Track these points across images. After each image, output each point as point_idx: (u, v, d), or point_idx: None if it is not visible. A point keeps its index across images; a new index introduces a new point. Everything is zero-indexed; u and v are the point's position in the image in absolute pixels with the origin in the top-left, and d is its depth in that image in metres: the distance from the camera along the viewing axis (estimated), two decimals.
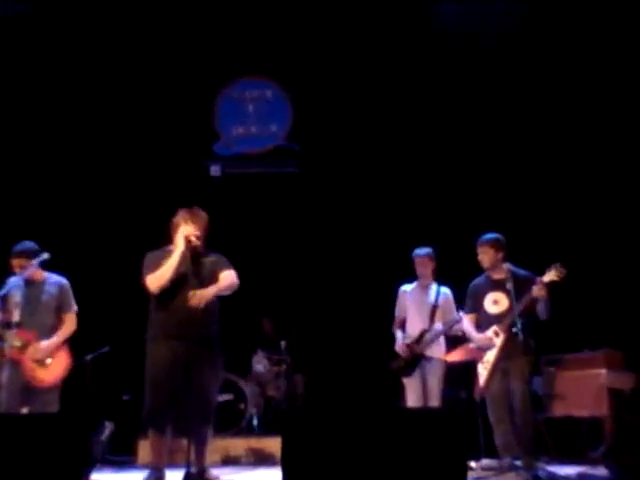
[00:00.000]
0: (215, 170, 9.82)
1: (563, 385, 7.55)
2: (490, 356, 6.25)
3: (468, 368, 6.67)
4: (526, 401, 6.06)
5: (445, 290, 7.04)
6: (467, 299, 6.56)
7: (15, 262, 6.23)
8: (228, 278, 5.49)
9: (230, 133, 9.96)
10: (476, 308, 6.45)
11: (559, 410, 7.51)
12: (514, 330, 5.99)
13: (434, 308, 6.89)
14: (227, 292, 5.49)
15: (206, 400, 5.36)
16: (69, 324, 6.39)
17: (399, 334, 7.04)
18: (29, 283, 6.29)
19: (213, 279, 5.46)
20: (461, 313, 6.66)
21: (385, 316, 7.26)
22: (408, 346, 6.90)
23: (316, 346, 9.09)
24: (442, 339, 6.96)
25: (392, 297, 7.21)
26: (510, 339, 6.11)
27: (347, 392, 8.75)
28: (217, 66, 9.66)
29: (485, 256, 6.39)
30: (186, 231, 5.49)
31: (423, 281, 7.07)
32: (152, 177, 9.51)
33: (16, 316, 6.11)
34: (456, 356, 6.92)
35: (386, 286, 7.47)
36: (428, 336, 6.85)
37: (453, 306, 6.98)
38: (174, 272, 5.36)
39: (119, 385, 8.56)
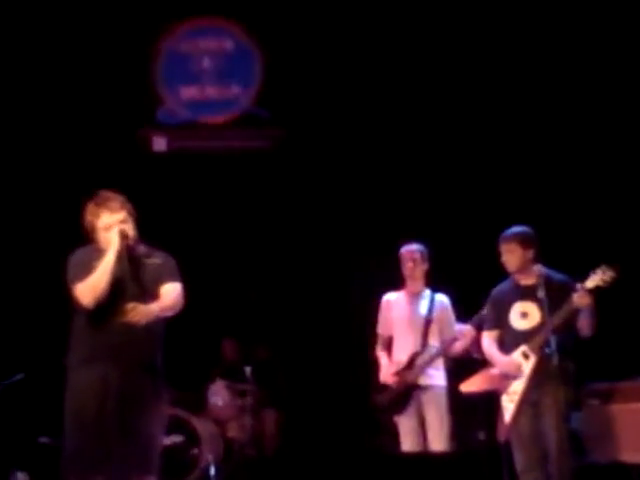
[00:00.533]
0: (159, 144, 9.81)
1: (611, 422, 7.59)
2: (517, 386, 6.26)
3: (489, 401, 6.70)
4: (563, 443, 6.06)
5: (441, 299, 7.06)
6: (488, 311, 6.57)
7: None
8: (171, 295, 5.39)
9: (178, 96, 9.95)
10: (500, 322, 6.45)
11: (605, 454, 7.55)
12: (548, 351, 6.00)
13: (428, 322, 6.92)
14: (168, 313, 5.38)
15: (147, 444, 5.28)
16: None
17: (384, 359, 7.06)
18: None
19: (157, 288, 5.39)
20: (462, 328, 6.68)
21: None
22: (397, 374, 6.92)
23: (291, 372, 9.12)
24: (440, 362, 6.98)
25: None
26: (543, 363, 6.12)
27: (332, 432, 8.79)
28: (158, 7, 9.63)
29: (511, 256, 6.38)
30: (114, 223, 5.35)
31: (412, 287, 7.08)
32: (76, 154, 9.48)
33: None
34: (473, 385, 6.94)
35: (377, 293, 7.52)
36: (421, 360, 6.87)
37: (452, 319, 7.01)
38: (111, 278, 5.28)
39: (35, 424, 8.55)
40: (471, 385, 6.96)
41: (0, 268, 9.07)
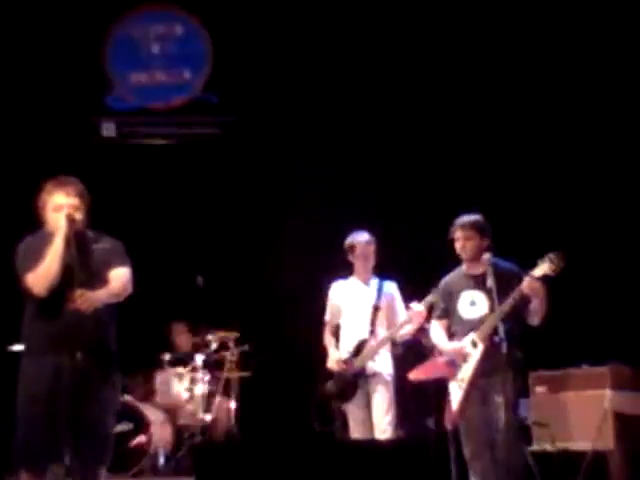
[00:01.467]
0: (108, 129, 9.77)
1: (557, 410, 7.66)
2: (465, 373, 6.31)
3: (437, 388, 6.76)
4: (510, 430, 6.11)
5: (389, 286, 7.11)
6: (436, 300, 6.62)
7: None
8: (120, 279, 5.36)
9: (127, 81, 9.91)
10: (448, 311, 6.52)
11: (552, 442, 7.62)
12: (496, 339, 6.04)
13: (376, 309, 6.97)
14: (117, 299, 5.36)
15: (100, 433, 5.26)
16: None
17: (331, 346, 7.10)
18: None
19: (106, 273, 5.37)
20: (415, 307, 6.72)
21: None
22: (344, 362, 6.96)
23: (242, 359, 9.12)
24: (387, 349, 7.02)
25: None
26: (491, 351, 6.16)
27: (283, 418, 8.82)
28: None
29: (469, 243, 6.40)
30: (65, 205, 5.31)
31: (362, 276, 7.12)
32: (25, 140, 9.41)
33: None
34: (422, 373, 6.99)
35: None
36: (369, 347, 6.91)
37: (401, 306, 7.06)
38: (60, 263, 5.23)
39: None
40: (420, 373, 7.01)
41: None
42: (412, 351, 7.11)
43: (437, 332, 6.56)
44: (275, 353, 9.13)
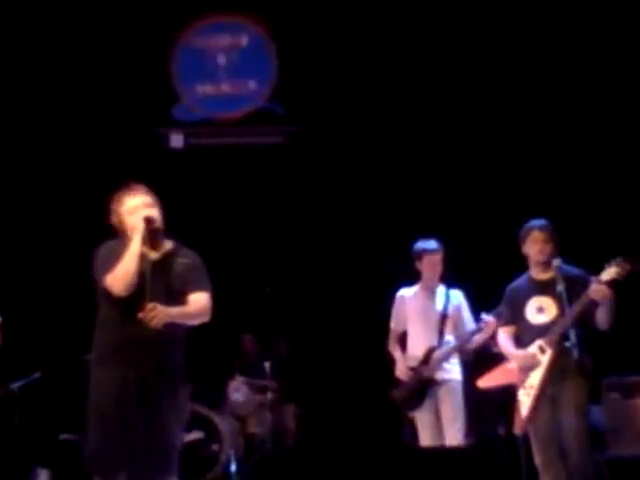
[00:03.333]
0: (176, 140, 9.89)
1: (631, 416, 7.61)
2: (534, 379, 6.28)
3: (506, 395, 6.75)
4: (582, 437, 6.09)
5: (456, 294, 7.12)
6: (503, 306, 6.62)
7: None
8: (198, 305, 5.32)
9: (194, 92, 10.01)
10: (515, 317, 6.48)
11: (626, 448, 7.56)
12: (566, 345, 6.03)
13: (443, 318, 6.98)
14: (189, 322, 5.33)
15: (167, 443, 5.28)
16: None
17: (398, 354, 7.12)
18: None
19: (184, 289, 5.32)
20: (486, 318, 6.71)
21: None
22: (413, 369, 6.98)
23: (310, 368, 9.18)
24: (456, 356, 7.04)
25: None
26: (560, 356, 6.14)
27: (352, 427, 8.85)
28: (174, 5, 9.72)
29: (548, 246, 6.31)
30: (140, 205, 5.26)
31: (429, 283, 7.13)
32: (94, 152, 9.59)
33: None
34: (491, 380, 6.97)
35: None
36: (438, 355, 6.93)
37: (468, 314, 7.07)
38: (138, 264, 5.17)
39: (56, 421, 8.64)
40: (489, 380, 6.98)
41: (20, 267, 9.17)
42: (481, 358, 7.10)
43: (504, 339, 6.55)
44: (342, 361, 9.17)
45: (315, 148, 9.67)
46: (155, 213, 5.29)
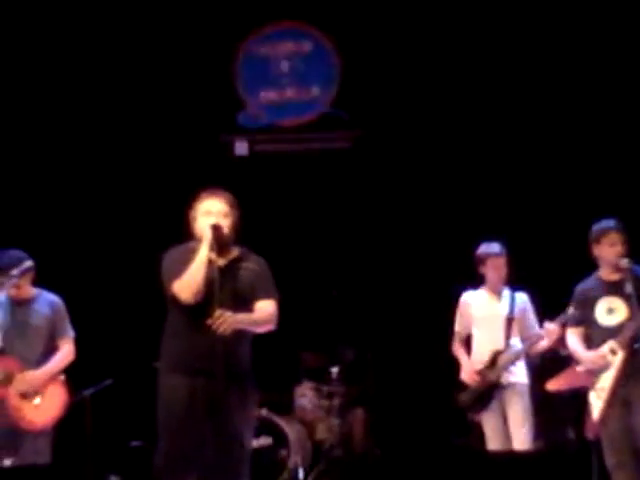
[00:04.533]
0: (240, 147, 9.93)
1: None
2: (605, 381, 6.23)
3: (576, 398, 6.69)
4: None
5: (522, 297, 7.07)
6: (572, 307, 6.56)
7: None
8: (265, 313, 5.37)
9: (258, 99, 10.05)
10: (585, 319, 6.44)
11: None
12: (637, 346, 5.98)
13: (509, 321, 6.93)
14: (256, 330, 5.39)
15: (236, 449, 5.34)
16: (65, 352, 6.60)
17: (464, 357, 7.09)
18: (15, 302, 6.48)
19: (252, 296, 5.38)
20: (547, 326, 6.65)
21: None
22: (479, 373, 6.94)
23: (379, 371, 9.16)
24: (522, 359, 6.98)
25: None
26: (632, 358, 6.10)
27: (420, 430, 8.82)
28: (237, 13, 9.77)
29: (624, 247, 6.30)
30: (214, 212, 5.35)
31: (494, 287, 7.09)
32: (159, 160, 9.69)
33: None
34: (560, 383, 6.94)
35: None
36: (504, 358, 6.88)
37: (533, 316, 7.01)
38: (206, 271, 5.22)
39: (126, 428, 8.72)
40: (558, 383, 6.95)
41: (91, 275, 9.28)
42: (549, 361, 7.04)
43: (574, 341, 6.49)
44: (409, 364, 9.15)
45: (380, 152, 9.65)
46: (223, 222, 5.35)
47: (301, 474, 8.45)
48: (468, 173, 9.40)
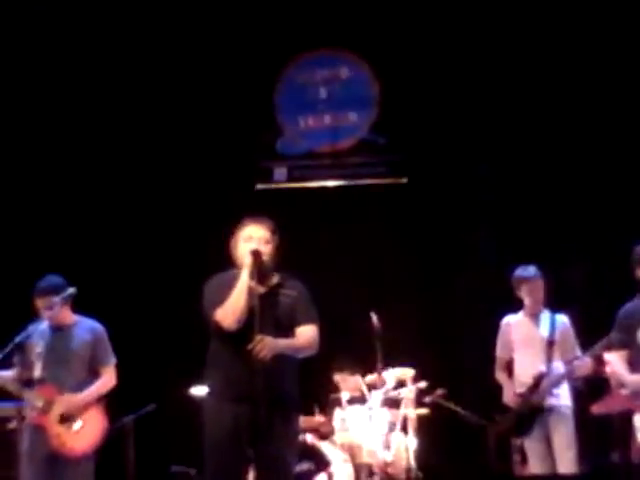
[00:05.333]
0: (280, 174, 9.96)
1: None
2: None
3: (622, 422, 6.60)
4: None
5: (562, 319, 7.01)
6: (616, 331, 6.49)
7: (39, 302, 6.43)
8: (306, 338, 5.37)
9: (296, 125, 10.09)
10: (628, 342, 6.38)
11: None
12: None
13: (550, 344, 6.88)
14: (298, 355, 5.38)
15: (281, 475, 5.33)
16: (106, 379, 6.60)
17: (506, 380, 7.02)
18: (55, 329, 6.49)
19: (293, 322, 5.38)
20: (581, 359, 6.60)
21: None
22: (521, 396, 6.87)
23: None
24: (565, 382, 6.92)
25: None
26: None
27: (459, 455, 8.76)
28: (275, 40, 9.83)
29: None
30: (255, 238, 5.38)
31: (532, 310, 7.05)
32: (198, 186, 9.73)
33: (37, 370, 6.31)
34: (604, 406, 6.85)
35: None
36: (547, 381, 6.81)
37: (574, 339, 6.95)
38: (247, 298, 5.24)
39: (168, 453, 8.72)
40: (602, 406, 6.86)
41: (130, 301, 9.31)
42: (593, 383, 6.96)
43: (617, 364, 6.41)
44: (451, 389, 9.08)
45: (419, 177, 9.62)
46: (264, 248, 5.35)
47: None
48: (508, 196, 9.35)
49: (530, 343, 7.00)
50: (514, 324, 7.13)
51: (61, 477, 6.32)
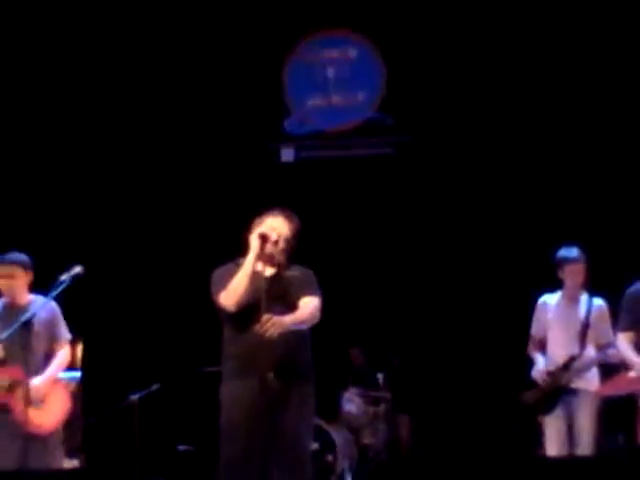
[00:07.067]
0: (287, 154, 9.94)
1: None
2: None
3: (628, 404, 6.59)
4: None
5: (599, 302, 6.96)
6: (623, 312, 6.47)
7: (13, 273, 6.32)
8: (308, 307, 5.45)
9: (304, 106, 10.06)
10: (636, 324, 6.36)
11: None
12: None
13: (585, 327, 6.83)
14: (302, 326, 5.45)
15: (299, 451, 5.42)
16: (64, 355, 6.54)
17: (539, 358, 6.99)
18: (10, 307, 6.42)
19: (297, 298, 5.46)
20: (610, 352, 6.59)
21: (512, 334, 7.23)
22: (550, 374, 6.85)
23: (424, 377, 9.12)
24: (596, 366, 6.89)
25: (517, 310, 7.16)
26: None
27: (466, 437, 8.76)
28: (284, 21, 9.80)
29: None
30: (264, 227, 5.47)
31: (571, 292, 6.98)
32: (206, 167, 9.72)
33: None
34: (611, 388, 6.83)
35: (509, 295, 7.43)
36: (578, 364, 6.79)
37: (609, 324, 6.89)
38: (250, 281, 5.36)
39: (174, 432, 8.74)
40: (609, 388, 6.84)
41: (138, 281, 9.32)
42: (601, 366, 6.94)
43: (624, 346, 6.41)
44: (455, 370, 9.09)
45: (426, 157, 9.61)
46: (275, 235, 5.44)
47: (348, 478, 8.42)
48: (514, 177, 9.32)
49: (565, 325, 6.92)
50: (551, 304, 7.04)
51: (29, 455, 6.26)
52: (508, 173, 9.37)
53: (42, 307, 6.35)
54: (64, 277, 6.34)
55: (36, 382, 6.28)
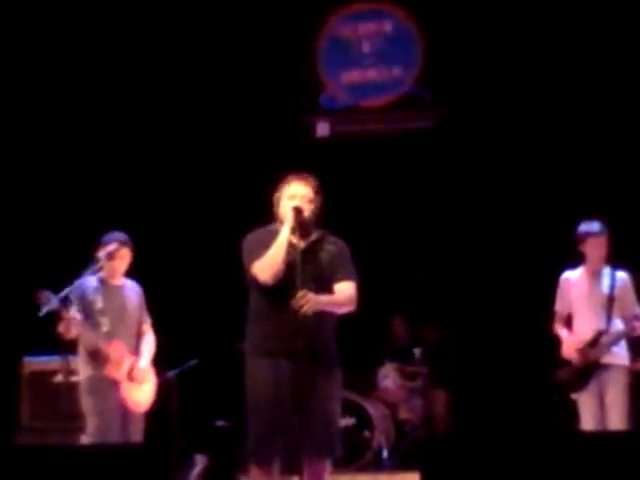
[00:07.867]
0: (322, 129, 9.94)
1: None
2: None
3: None
4: None
5: (622, 276, 6.93)
6: None
7: (123, 252, 6.55)
8: (345, 294, 5.41)
9: (339, 80, 10.05)
10: None
11: None
12: None
13: (610, 301, 6.81)
14: (337, 310, 5.41)
15: (328, 425, 5.37)
16: (152, 338, 6.77)
17: (565, 335, 6.98)
18: (107, 286, 6.57)
19: (332, 278, 5.40)
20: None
21: (546, 310, 7.23)
22: (579, 351, 6.84)
23: (461, 352, 9.12)
24: (624, 340, 6.88)
25: (550, 286, 7.15)
26: None
27: (504, 413, 8.76)
28: None
29: None
30: (298, 195, 5.38)
31: (594, 266, 6.95)
32: (241, 142, 9.75)
33: (105, 325, 6.40)
34: None
35: (547, 271, 7.39)
36: (606, 339, 6.78)
37: (634, 296, 6.87)
38: (286, 253, 5.27)
39: (211, 408, 8.81)
40: None
41: (172, 258, 9.38)
42: (632, 341, 6.92)
43: None
44: (493, 345, 9.08)
45: (463, 131, 9.59)
46: (307, 206, 5.37)
47: (385, 454, 8.47)
48: (552, 152, 9.27)
49: (590, 300, 6.89)
50: (574, 280, 7.02)
51: (126, 430, 6.45)
52: (540, 148, 9.32)
53: (133, 289, 6.64)
54: (101, 254, 6.45)
55: (143, 363, 6.59)
